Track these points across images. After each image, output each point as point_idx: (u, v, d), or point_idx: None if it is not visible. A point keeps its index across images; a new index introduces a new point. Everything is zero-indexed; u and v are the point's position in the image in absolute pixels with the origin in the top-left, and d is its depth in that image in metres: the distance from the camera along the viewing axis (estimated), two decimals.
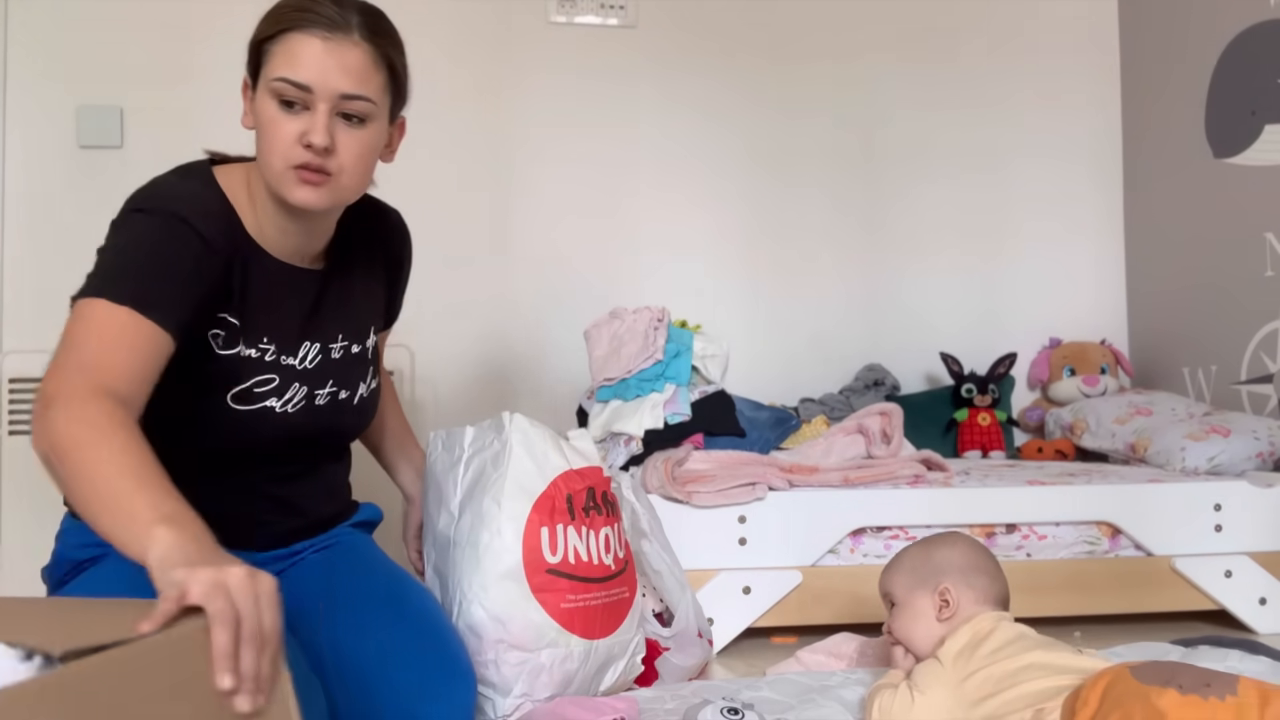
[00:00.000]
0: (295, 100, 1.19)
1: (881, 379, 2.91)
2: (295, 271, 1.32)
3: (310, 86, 1.19)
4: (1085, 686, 1.12)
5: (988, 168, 3.12)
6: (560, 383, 2.77)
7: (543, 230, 2.88)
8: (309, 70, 1.19)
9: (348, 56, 1.21)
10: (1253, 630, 2.04)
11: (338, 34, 1.20)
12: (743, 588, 1.94)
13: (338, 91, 1.20)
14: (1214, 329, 2.80)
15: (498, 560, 1.42)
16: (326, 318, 1.35)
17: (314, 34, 1.19)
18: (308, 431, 1.33)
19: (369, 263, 1.46)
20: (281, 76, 1.18)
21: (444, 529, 1.51)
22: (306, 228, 1.31)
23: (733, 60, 3.00)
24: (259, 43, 1.23)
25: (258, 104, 1.22)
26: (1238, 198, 2.71)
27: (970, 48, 3.12)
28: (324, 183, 1.23)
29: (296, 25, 1.19)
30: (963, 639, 1.30)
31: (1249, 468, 2.31)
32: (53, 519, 1.47)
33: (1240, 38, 2.70)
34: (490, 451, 1.51)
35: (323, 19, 1.20)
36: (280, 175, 1.21)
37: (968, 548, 1.44)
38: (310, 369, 1.32)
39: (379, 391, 1.49)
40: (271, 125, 1.20)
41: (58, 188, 2.58)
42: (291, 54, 1.19)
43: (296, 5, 1.21)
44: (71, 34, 2.62)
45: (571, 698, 1.45)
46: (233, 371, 1.25)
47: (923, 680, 1.29)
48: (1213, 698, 1.03)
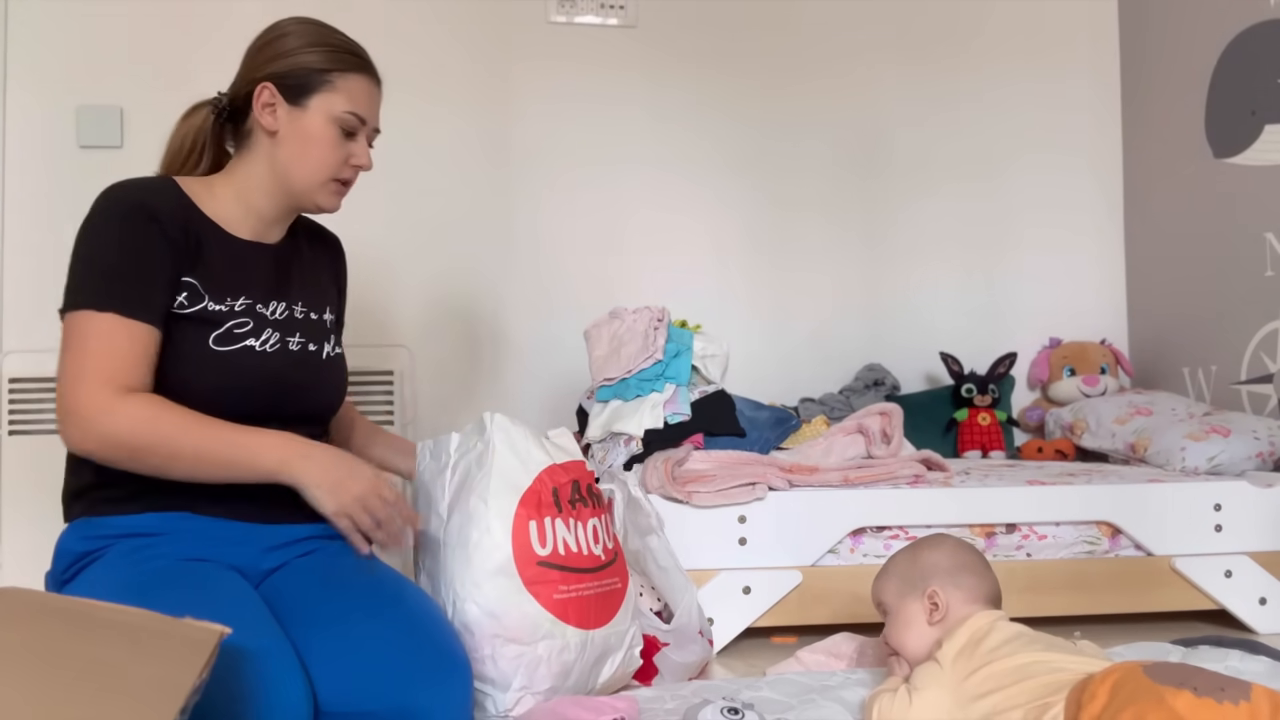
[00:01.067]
0: (354, 130, 1.48)
1: (881, 379, 2.91)
2: (257, 246, 1.50)
3: (368, 121, 1.50)
4: (1094, 680, 1.12)
5: (988, 167, 3.12)
6: (560, 383, 2.77)
7: (542, 229, 2.88)
8: (370, 109, 1.50)
9: (379, 98, 1.54)
10: (1253, 630, 2.04)
11: (376, 78, 1.52)
12: (743, 588, 1.94)
13: (375, 126, 1.53)
14: (1214, 329, 2.80)
15: (488, 557, 1.43)
16: (291, 284, 1.53)
17: (369, 78, 1.50)
18: (289, 379, 1.46)
19: (315, 250, 1.64)
20: (353, 112, 1.46)
21: (434, 532, 1.53)
22: (285, 218, 1.53)
23: (733, 60, 3.00)
24: (319, 70, 1.45)
25: (308, 122, 1.45)
26: (1238, 198, 2.71)
27: (970, 48, 3.12)
28: (346, 193, 1.55)
29: (360, 70, 1.48)
30: (961, 639, 1.30)
31: (1249, 468, 2.31)
32: (53, 519, 1.47)
33: (1240, 38, 2.70)
34: (474, 453, 1.52)
35: (371, 66, 1.51)
36: (321, 185, 1.49)
37: (953, 548, 1.44)
38: (280, 320, 1.48)
39: (343, 364, 1.60)
40: (328, 146, 1.46)
41: (58, 188, 2.58)
42: (358, 94, 1.47)
43: (354, 49, 1.50)
44: (71, 34, 2.62)
45: (572, 697, 1.45)
46: (209, 321, 1.40)
47: (920, 681, 1.29)
48: (1227, 702, 1.02)
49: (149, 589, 1.23)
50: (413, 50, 2.80)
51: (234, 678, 1.07)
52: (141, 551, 1.33)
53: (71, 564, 1.36)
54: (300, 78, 1.44)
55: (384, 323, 2.76)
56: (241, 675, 1.09)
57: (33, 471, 2.43)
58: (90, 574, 1.32)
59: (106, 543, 1.35)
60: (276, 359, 1.44)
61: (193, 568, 1.31)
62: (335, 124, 1.46)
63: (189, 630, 0.94)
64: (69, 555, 1.37)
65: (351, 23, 2.66)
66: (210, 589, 1.26)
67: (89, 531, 1.37)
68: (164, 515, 1.36)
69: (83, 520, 1.39)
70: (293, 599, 1.33)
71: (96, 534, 1.37)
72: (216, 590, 1.26)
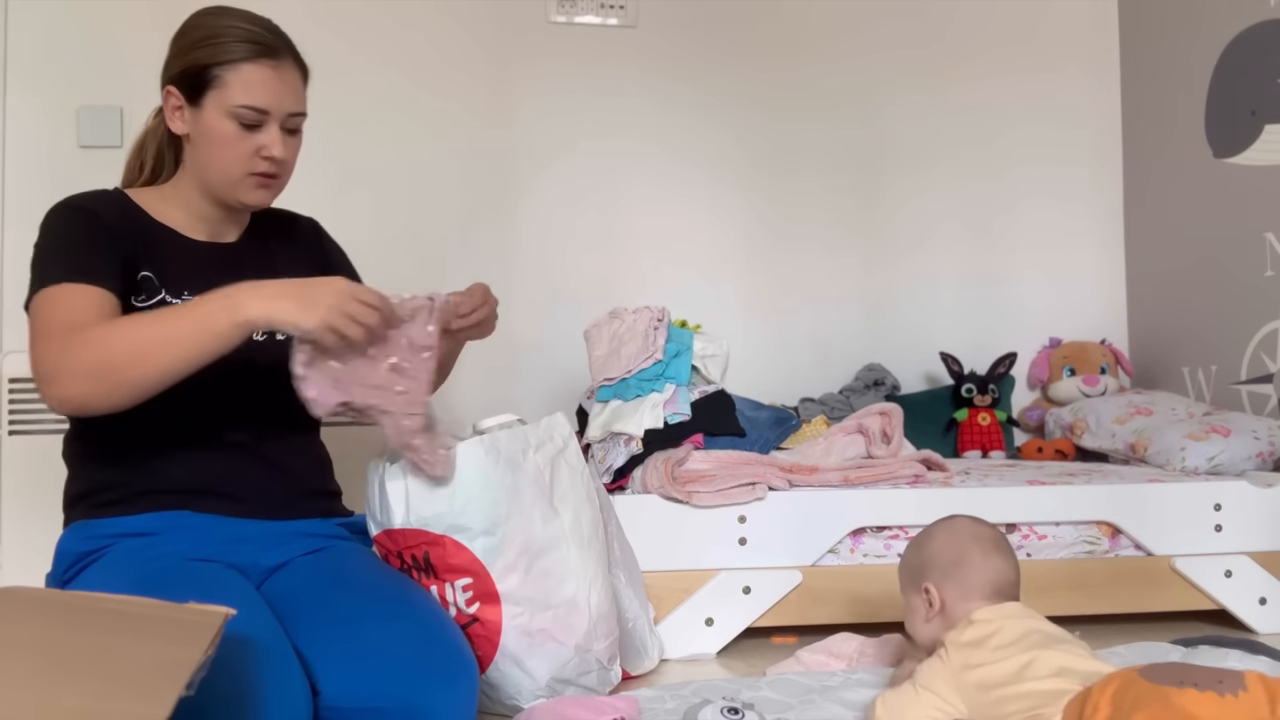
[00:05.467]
0: (254, 123, 1.41)
1: (881, 379, 2.91)
2: (212, 246, 1.51)
3: (269, 110, 1.41)
4: (1094, 692, 1.11)
5: (988, 167, 3.12)
6: (560, 383, 2.77)
7: (542, 230, 2.88)
8: (266, 97, 1.40)
9: (290, 79, 1.44)
10: (1253, 630, 2.04)
11: (281, 61, 1.42)
12: (743, 588, 1.94)
13: (287, 111, 1.43)
14: (1214, 329, 2.80)
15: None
16: (250, 277, 1.48)
17: (265, 64, 1.40)
18: (258, 363, 1.43)
19: (284, 239, 1.62)
20: (245, 104, 1.39)
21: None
22: (231, 216, 1.52)
23: (733, 60, 3.00)
24: (203, 67, 1.40)
25: (207, 121, 1.41)
26: (1238, 198, 2.71)
27: (970, 48, 3.12)
28: (274, 184, 1.48)
29: (249, 57, 1.40)
30: (965, 635, 1.30)
31: (1249, 468, 2.31)
32: (53, 519, 1.47)
33: (1240, 38, 2.70)
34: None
35: (267, 48, 1.41)
36: (236, 181, 1.44)
37: (951, 537, 1.42)
38: None
39: None
40: (231, 142, 1.41)
41: (58, 188, 2.56)
42: (249, 83, 1.39)
43: (241, 35, 1.40)
44: (71, 34, 2.62)
45: (572, 697, 1.46)
46: None
47: (924, 677, 1.30)
48: (1228, 694, 1.03)
49: (149, 589, 1.23)
50: (413, 50, 2.80)
51: (234, 672, 1.07)
52: (142, 553, 1.33)
53: (71, 565, 1.37)
54: (193, 77, 1.41)
55: None
56: (241, 669, 1.10)
57: (33, 471, 2.42)
58: (90, 574, 1.33)
59: (106, 542, 1.36)
60: (240, 349, 1.40)
61: (193, 567, 1.31)
62: (232, 119, 1.40)
63: (192, 614, 0.94)
64: (69, 556, 1.38)
65: (351, 23, 2.67)
66: (210, 587, 1.26)
67: (88, 533, 1.38)
68: (162, 515, 1.37)
69: (82, 523, 1.40)
70: (300, 597, 1.33)
71: (96, 534, 1.37)
72: (216, 588, 1.27)
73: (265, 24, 1.45)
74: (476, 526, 1.46)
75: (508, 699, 1.51)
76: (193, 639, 0.87)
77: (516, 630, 1.48)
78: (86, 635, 0.86)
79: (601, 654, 1.55)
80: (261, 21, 1.45)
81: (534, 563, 1.50)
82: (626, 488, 2.05)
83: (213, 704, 1.01)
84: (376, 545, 1.54)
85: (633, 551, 1.81)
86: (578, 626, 1.52)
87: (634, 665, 1.74)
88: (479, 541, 1.46)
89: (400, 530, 1.48)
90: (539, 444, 1.55)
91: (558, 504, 1.53)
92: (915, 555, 1.45)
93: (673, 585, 1.92)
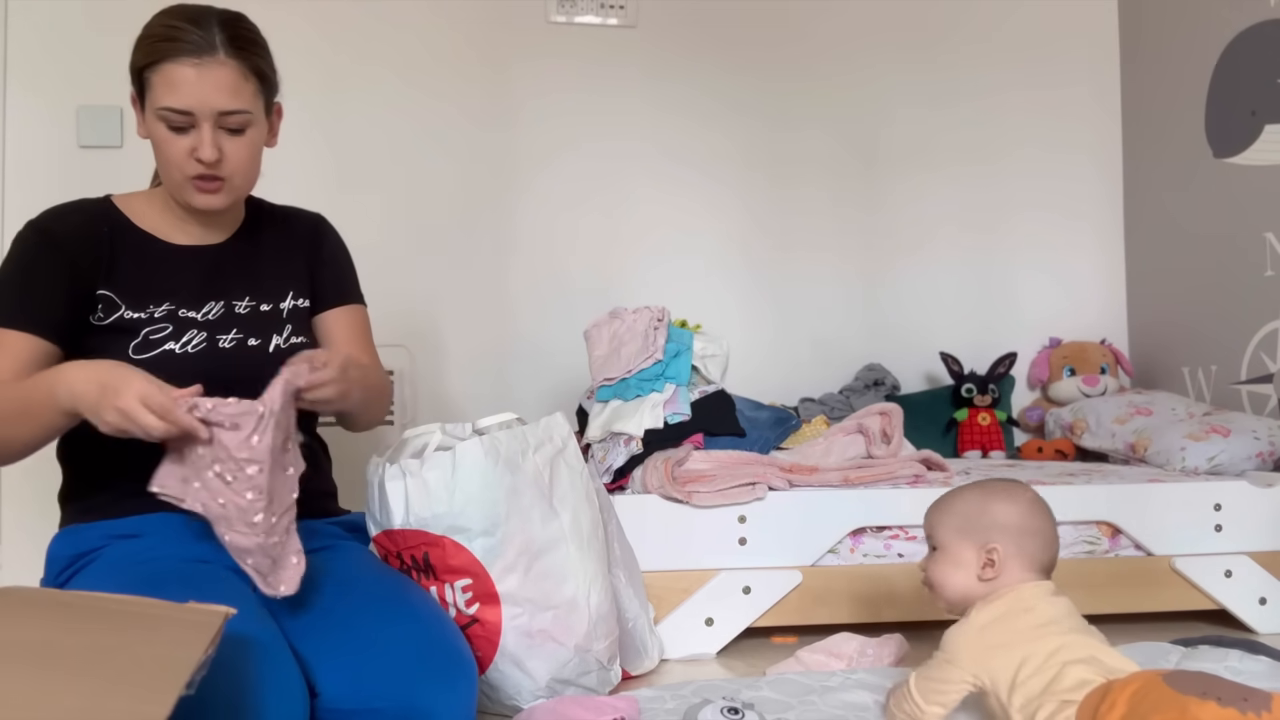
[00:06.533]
0: (181, 125, 1.35)
1: (881, 379, 2.91)
2: (192, 249, 1.49)
3: (191, 110, 1.34)
4: (1114, 689, 1.11)
5: (988, 168, 3.12)
6: (560, 383, 2.77)
7: (542, 230, 2.88)
8: (188, 97, 1.34)
9: (219, 77, 1.35)
10: (1253, 630, 2.04)
11: (206, 57, 1.34)
12: (743, 588, 1.94)
13: (216, 110, 1.35)
14: (1214, 329, 2.80)
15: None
16: (229, 280, 1.50)
17: (185, 62, 1.33)
18: (224, 373, 1.37)
19: (279, 236, 1.58)
20: (165, 106, 1.34)
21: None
22: (210, 218, 1.49)
23: (733, 60, 3.00)
24: (139, 70, 1.37)
25: (149, 124, 1.38)
26: (1238, 198, 2.71)
27: (970, 48, 3.12)
28: (219, 188, 1.41)
29: (168, 55, 1.33)
30: (1000, 609, 1.29)
31: (1249, 468, 2.31)
32: (53, 520, 1.47)
33: (1240, 38, 2.70)
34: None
35: (190, 45, 1.33)
36: (180, 185, 1.40)
37: (1027, 507, 1.38)
38: (213, 320, 1.46)
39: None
40: (165, 145, 1.37)
41: (58, 188, 2.56)
42: (170, 84, 1.33)
43: (164, 35, 1.34)
44: (71, 34, 2.62)
45: (572, 697, 1.46)
46: (126, 331, 1.40)
47: (951, 649, 1.28)
48: (1250, 713, 1.02)
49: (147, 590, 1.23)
50: (413, 50, 2.80)
51: (233, 672, 1.07)
52: (137, 554, 1.33)
53: (65, 568, 1.36)
54: (135, 80, 1.39)
55: (384, 323, 2.76)
56: (240, 669, 1.10)
57: (33, 472, 2.41)
58: (86, 576, 1.32)
59: (98, 544, 1.35)
60: (202, 359, 1.41)
61: (191, 568, 1.30)
62: (161, 121, 1.36)
63: (192, 614, 0.94)
64: (61, 560, 1.37)
65: (351, 24, 2.67)
66: (208, 588, 1.26)
67: (78, 536, 1.37)
68: (151, 516, 1.36)
69: (71, 527, 1.40)
70: (299, 597, 1.32)
71: (86, 537, 1.37)
72: (214, 589, 1.26)
73: (198, 19, 1.36)
74: (476, 527, 1.46)
75: (508, 699, 1.51)
76: (193, 638, 0.87)
77: (516, 631, 1.48)
78: (86, 635, 0.86)
79: (601, 654, 1.55)
80: (195, 16, 1.36)
81: (533, 563, 1.50)
82: (626, 488, 2.05)
83: (212, 704, 1.01)
84: (376, 546, 1.54)
85: (633, 551, 1.81)
86: (577, 627, 1.52)
87: (634, 665, 1.74)
88: (478, 542, 1.46)
89: (400, 531, 1.48)
90: (538, 444, 1.54)
91: (557, 504, 1.53)
92: (979, 510, 1.37)
93: (673, 585, 1.92)
